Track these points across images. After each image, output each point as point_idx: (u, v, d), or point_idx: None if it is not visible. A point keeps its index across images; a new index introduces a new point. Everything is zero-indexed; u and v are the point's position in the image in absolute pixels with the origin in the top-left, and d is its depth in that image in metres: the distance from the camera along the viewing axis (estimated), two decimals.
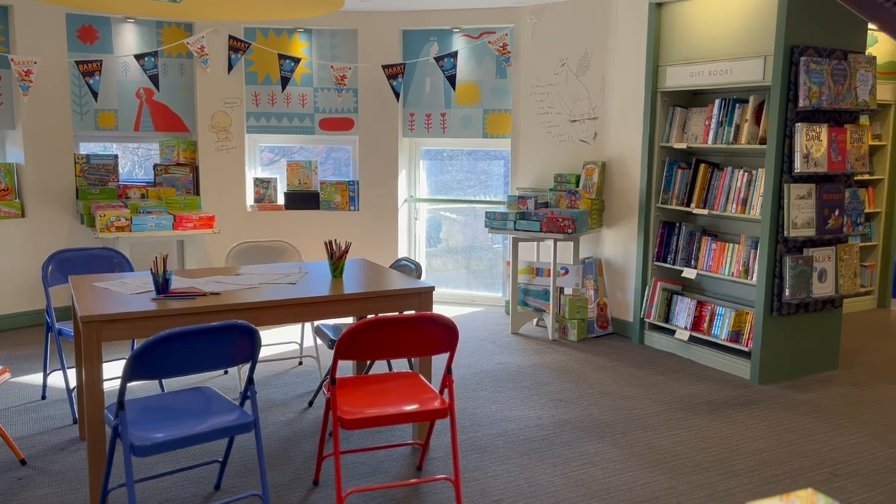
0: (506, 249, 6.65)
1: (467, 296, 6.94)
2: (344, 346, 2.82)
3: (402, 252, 6.86)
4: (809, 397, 4.44)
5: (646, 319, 5.50)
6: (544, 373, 4.88)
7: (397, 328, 2.85)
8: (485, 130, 6.56)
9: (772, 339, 4.65)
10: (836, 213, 4.60)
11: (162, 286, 3.30)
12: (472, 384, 4.64)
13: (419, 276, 4.03)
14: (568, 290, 5.82)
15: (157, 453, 2.71)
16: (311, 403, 4.28)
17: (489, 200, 6.85)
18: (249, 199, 6.76)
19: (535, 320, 6.04)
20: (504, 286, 6.64)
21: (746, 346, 4.79)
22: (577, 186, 5.85)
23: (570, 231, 5.43)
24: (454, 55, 6.37)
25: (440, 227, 7.30)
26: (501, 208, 6.22)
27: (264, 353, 5.23)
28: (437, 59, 6.41)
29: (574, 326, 5.66)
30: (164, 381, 4.30)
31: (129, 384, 2.65)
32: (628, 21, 5.55)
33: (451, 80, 6.41)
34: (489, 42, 6.37)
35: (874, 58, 4.66)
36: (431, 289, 3.60)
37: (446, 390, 3.04)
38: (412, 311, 3.56)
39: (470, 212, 7.06)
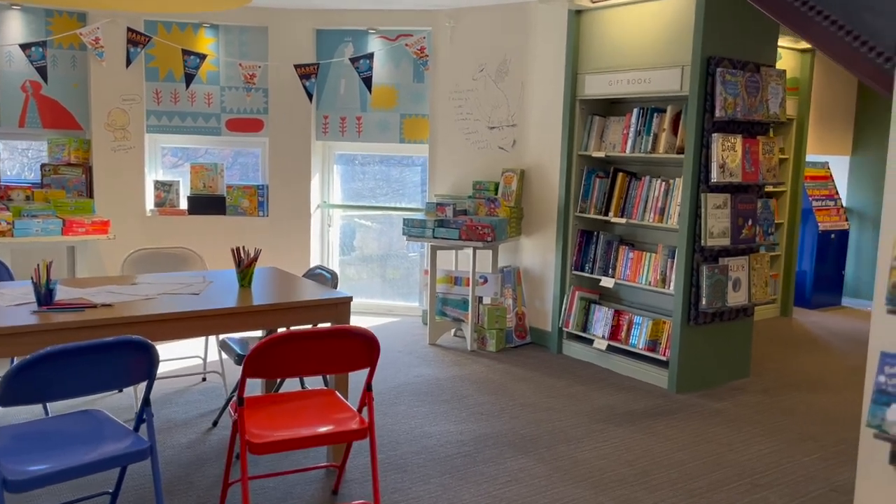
0: (423, 258, 6.48)
1: (383, 306, 6.73)
2: (253, 363, 2.57)
3: (315, 260, 6.58)
4: (725, 406, 4.48)
5: (564, 329, 5.45)
6: (464, 385, 4.73)
7: (312, 343, 2.62)
8: (402, 135, 6.38)
9: (688, 348, 4.68)
10: (750, 223, 4.68)
11: (44, 297, 2.95)
12: (390, 398, 4.44)
13: (335, 286, 3.80)
14: (487, 300, 5.71)
15: (36, 488, 2.38)
16: (215, 423, 3.97)
17: (406, 207, 6.67)
18: (149, 203, 6.32)
19: (453, 330, 5.89)
20: (421, 295, 6.47)
21: (664, 355, 4.79)
22: (497, 194, 5.76)
23: (489, 239, 5.32)
24: (370, 57, 6.17)
25: (354, 234, 7.07)
26: (419, 215, 6.05)
27: (164, 368, 4.85)
28: (353, 60, 6.19)
29: (493, 336, 5.55)
30: (48, 403, 3.88)
31: (4, 409, 2.31)
32: (547, 28, 5.50)
33: (367, 82, 6.21)
34: (406, 44, 6.21)
35: (784, 72, 4.77)
36: (349, 299, 3.38)
37: (365, 408, 2.83)
38: (328, 324, 3.33)
39: (385, 219, 6.87)
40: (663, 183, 4.79)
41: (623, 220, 5.00)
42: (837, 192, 7.91)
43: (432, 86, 6.16)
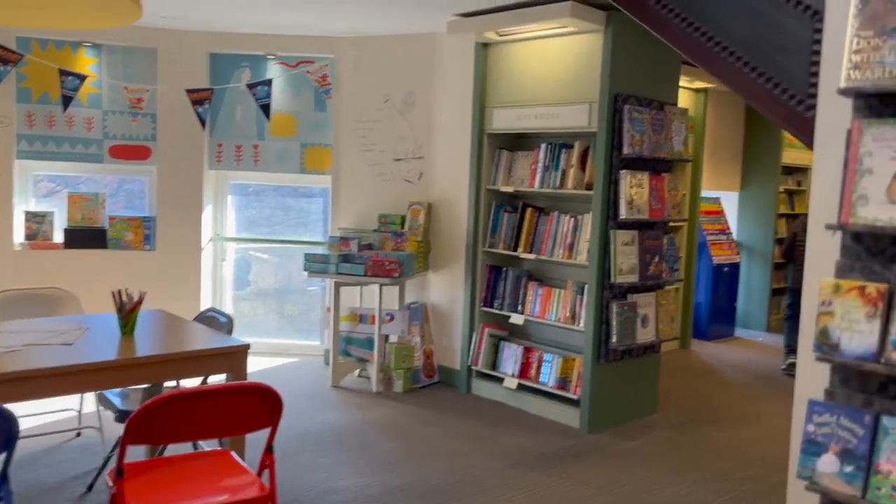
0: (325, 293, 6.18)
1: (281, 345, 6.35)
2: (136, 428, 2.23)
3: (207, 297, 6.15)
4: (637, 445, 4.42)
5: (473, 367, 5.28)
6: (370, 431, 4.46)
7: (205, 402, 2.32)
8: (303, 165, 6.10)
9: (599, 385, 4.61)
10: (657, 259, 4.69)
11: None
12: (291, 448, 4.11)
13: (230, 331, 3.48)
14: (393, 338, 5.47)
15: None
16: (90, 487, 3.52)
17: (306, 241, 6.37)
18: (18, 237, 5.73)
19: (357, 371, 5.61)
20: (323, 334, 6.16)
21: (574, 393, 4.70)
22: (403, 228, 5.56)
23: (396, 275, 5.10)
24: (268, 83, 5.88)
25: (250, 267, 6.68)
26: (321, 249, 5.77)
27: (30, 423, 4.31)
28: (250, 86, 5.88)
29: (400, 377, 5.31)
30: None
31: None
32: (455, 60, 5.41)
33: (265, 109, 5.90)
34: (308, 72, 5.96)
35: (686, 110, 4.86)
36: (245, 347, 3.07)
37: (266, 471, 2.53)
38: (222, 376, 3.01)
39: (284, 252, 6.53)
40: (572, 219, 4.74)
41: (532, 256, 4.91)
42: (729, 227, 8.21)
43: (335, 115, 5.92)
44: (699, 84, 6.80)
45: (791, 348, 6.59)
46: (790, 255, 6.55)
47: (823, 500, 2.22)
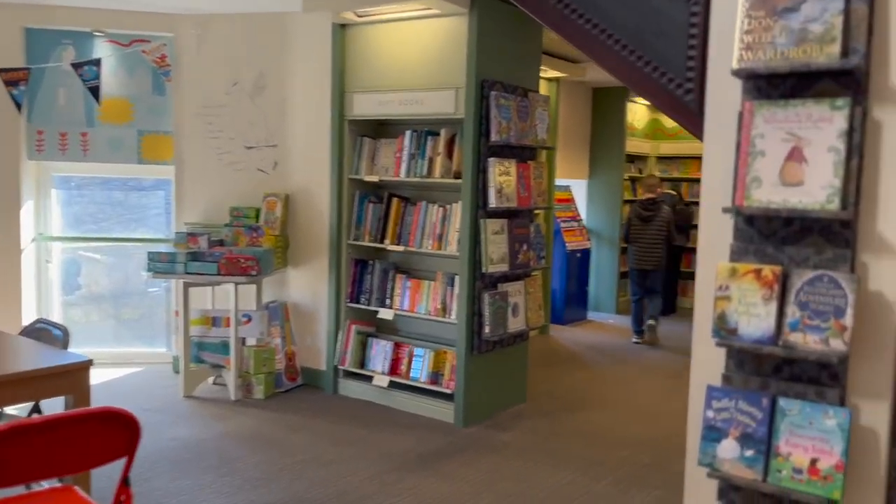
0: (170, 295, 5.65)
1: (121, 354, 5.74)
2: None
3: (30, 305, 5.43)
4: (512, 437, 4.37)
5: (340, 367, 5.02)
6: (233, 444, 4.09)
7: (47, 436, 1.92)
8: (140, 155, 5.52)
9: (473, 378, 4.51)
10: (525, 247, 4.66)
11: None
12: (143, 473, 3.66)
13: (66, 346, 3.01)
14: (251, 341, 5.08)
15: None
16: None
17: (146, 238, 5.79)
18: None
19: (211, 378, 5.17)
20: (171, 339, 5.64)
21: (447, 387, 4.58)
22: (259, 221, 5.17)
23: (254, 273, 4.73)
24: (97, 63, 5.24)
25: (79, 270, 5.99)
26: (165, 247, 5.25)
27: None
28: (75, 66, 5.21)
29: (260, 382, 4.94)
30: None
31: None
32: (310, 42, 5.08)
33: (94, 92, 5.25)
34: (143, 51, 5.39)
35: (548, 98, 4.86)
36: (87, 364, 2.65)
37: None
38: (61, 398, 2.59)
39: (119, 251, 5.91)
40: (441, 208, 4.60)
41: (400, 248, 4.72)
42: (579, 214, 8.46)
43: (176, 99, 5.40)
44: (552, 73, 6.90)
45: (639, 329, 7.10)
46: (627, 238, 7.01)
47: (723, 486, 2.21)
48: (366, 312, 5.00)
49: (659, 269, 6.97)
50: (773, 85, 2.09)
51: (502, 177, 4.38)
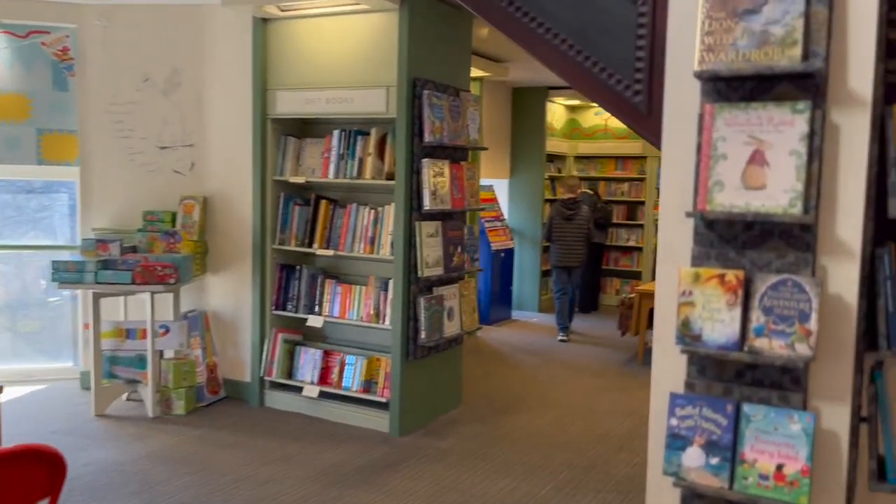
0: (76, 306, 5.26)
1: (20, 371, 5.29)
2: None
3: None
4: (451, 444, 4.27)
5: (267, 378, 4.79)
6: (155, 466, 3.81)
7: None
8: (39, 155, 5.10)
9: (408, 385, 4.39)
10: (459, 249, 4.57)
11: None
12: None
13: None
14: (170, 353, 4.78)
15: None
16: None
17: (46, 245, 5.37)
18: None
19: (125, 395, 4.83)
20: (78, 354, 5.24)
21: (382, 395, 4.44)
22: (175, 226, 4.87)
23: (172, 281, 4.44)
24: None
25: None
26: (71, 255, 4.87)
27: None
28: None
29: (180, 396, 4.65)
30: None
31: None
32: (229, 36, 4.82)
33: None
34: (42, 43, 4.98)
35: (479, 97, 4.79)
36: None
37: None
38: None
39: (14, 259, 5.46)
40: (372, 211, 4.45)
41: (329, 252, 4.54)
42: (503, 214, 8.46)
43: (81, 96, 5.02)
44: (475, 72, 6.84)
45: (563, 325, 7.25)
46: (550, 237, 7.19)
47: (687, 494, 2.18)
48: (293, 320, 4.79)
49: (581, 266, 7.24)
50: (732, 87, 2.07)
51: (436, 178, 4.27)
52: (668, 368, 2.21)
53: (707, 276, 2.04)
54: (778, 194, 1.96)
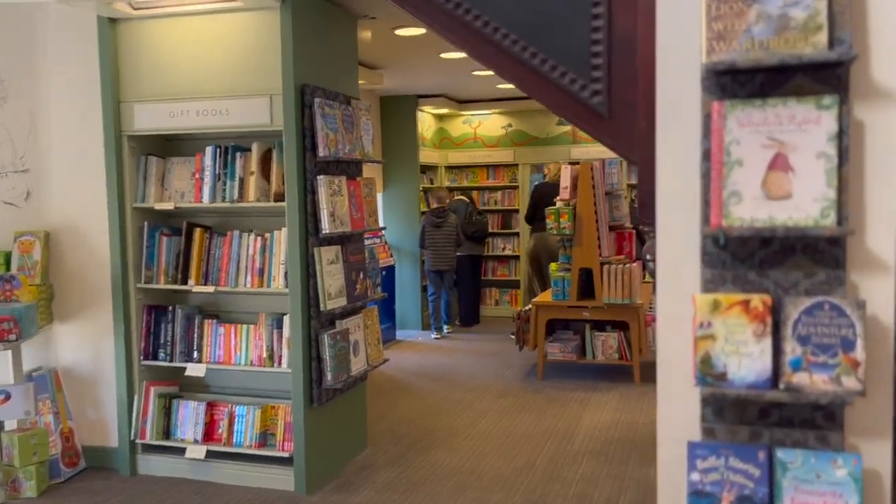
0: None
1: None
2: None
3: None
4: (367, 498, 3.77)
5: (139, 441, 4.05)
6: None
7: None
8: None
9: (313, 435, 3.84)
10: (361, 275, 4.09)
11: None
12: None
13: None
14: (12, 424, 3.91)
15: None
16: None
17: None
18: None
19: None
20: None
21: (282, 449, 3.86)
22: (11, 269, 4.01)
23: (12, 337, 3.62)
24: None
25: None
26: None
27: None
28: None
29: (30, 476, 3.81)
30: None
31: None
32: (68, 39, 4.05)
33: None
34: None
35: (370, 106, 4.33)
36: None
37: None
38: None
39: None
40: (259, 238, 3.87)
41: (209, 288, 3.90)
42: (381, 230, 8.00)
43: None
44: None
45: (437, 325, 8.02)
46: (422, 244, 7.87)
47: None
48: (168, 370, 4.09)
49: (452, 269, 7.96)
50: (739, 82, 1.78)
51: (334, 197, 3.77)
52: (678, 413, 1.88)
53: (728, 303, 1.74)
54: (807, 204, 1.68)
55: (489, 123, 9.47)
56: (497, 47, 2.42)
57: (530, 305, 6.21)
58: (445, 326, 8.14)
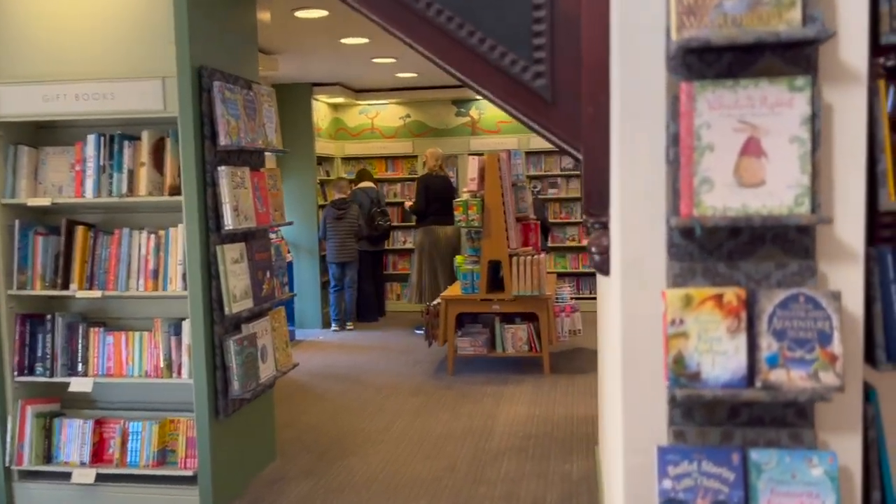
0: None
1: None
2: None
3: None
4: None
5: (15, 467, 3.58)
6: None
7: None
8: None
9: (220, 449, 3.52)
10: (268, 275, 3.79)
11: None
12: None
13: None
14: None
15: None
16: None
17: None
18: None
19: None
20: None
21: (185, 467, 3.52)
22: None
23: None
24: None
25: None
26: None
27: None
28: None
29: None
30: None
31: None
32: None
33: None
34: None
35: (273, 90, 4.02)
36: None
37: None
38: None
39: None
40: (152, 236, 3.49)
41: (96, 293, 3.49)
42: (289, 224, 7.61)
43: None
44: None
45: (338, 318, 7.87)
46: (324, 235, 7.71)
47: None
48: (47, 386, 3.63)
49: (354, 262, 7.76)
50: (706, 62, 1.67)
51: (237, 189, 3.45)
52: (643, 415, 1.76)
53: (701, 298, 1.63)
54: (780, 191, 1.59)
55: (387, 114, 9.24)
56: (430, 25, 2.23)
57: (439, 300, 6.06)
58: (348, 323, 7.91)
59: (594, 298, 8.63)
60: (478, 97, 8.79)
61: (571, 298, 6.55)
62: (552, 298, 5.95)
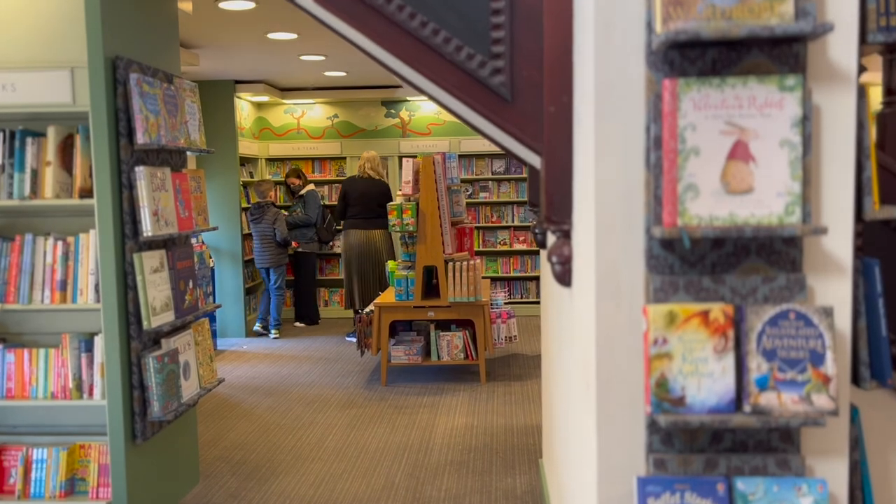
0: None
1: None
2: None
3: None
4: None
5: None
6: None
7: None
8: None
9: (137, 475, 3.21)
10: (191, 284, 3.49)
11: None
12: None
13: None
14: None
15: None
16: None
17: None
18: None
19: None
20: None
21: (97, 497, 3.19)
22: None
23: None
24: None
25: None
26: None
27: None
28: None
29: None
30: None
31: None
32: None
33: None
34: None
35: (196, 86, 3.72)
36: None
37: None
38: None
39: None
40: (59, 242, 3.15)
41: None
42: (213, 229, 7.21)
43: None
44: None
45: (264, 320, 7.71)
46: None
47: None
48: None
49: (279, 266, 7.48)
50: (688, 58, 1.53)
51: (157, 192, 3.15)
52: (620, 441, 1.62)
53: (686, 315, 1.49)
54: (770, 199, 1.48)
55: (313, 114, 8.93)
56: (380, 15, 2.03)
57: (372, 307, 5.83)
58: (273, 330, 7.60)
59: (528, 303, 8.61)
60: (408, 98, 8.62)
61: (506, 304, 6.44)
62: (488, 304, 5.81)
